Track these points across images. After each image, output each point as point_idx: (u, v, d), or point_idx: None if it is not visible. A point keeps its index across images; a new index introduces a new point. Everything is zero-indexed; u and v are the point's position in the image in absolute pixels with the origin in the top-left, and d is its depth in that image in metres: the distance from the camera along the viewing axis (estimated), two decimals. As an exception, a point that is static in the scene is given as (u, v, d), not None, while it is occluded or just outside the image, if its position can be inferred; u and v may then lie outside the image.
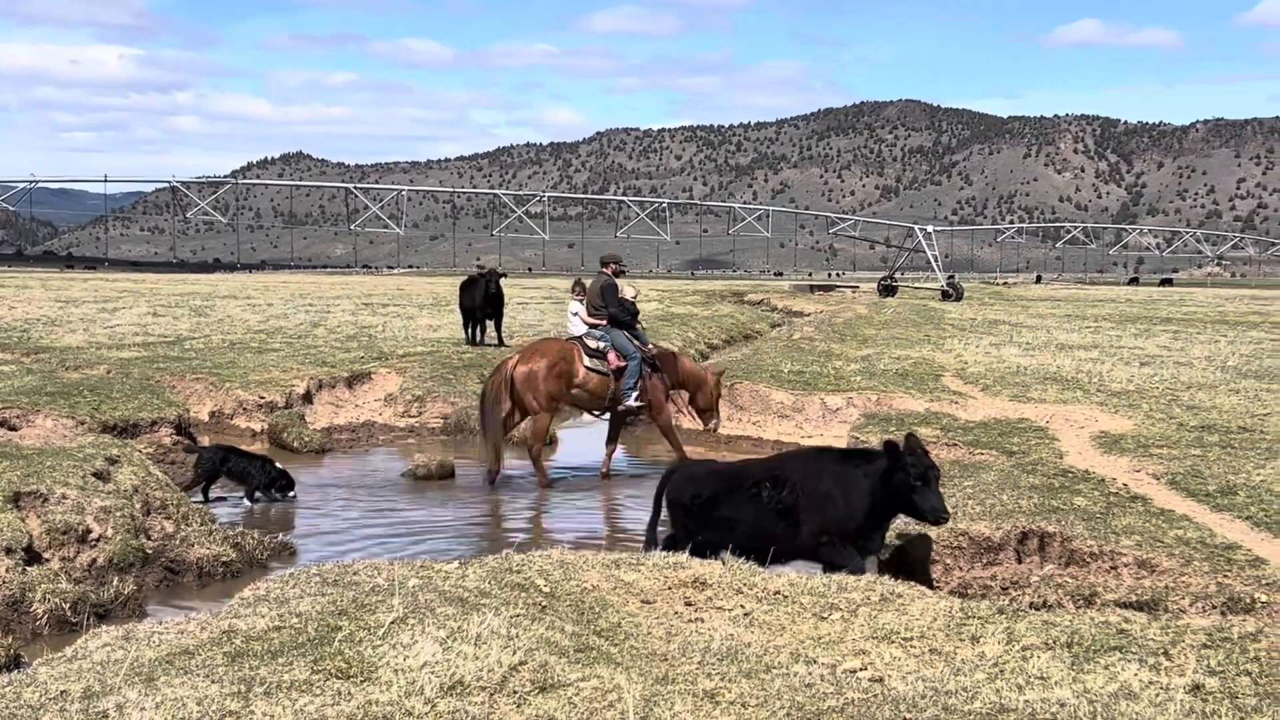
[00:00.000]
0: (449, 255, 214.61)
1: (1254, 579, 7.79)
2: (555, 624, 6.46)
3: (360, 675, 5.51)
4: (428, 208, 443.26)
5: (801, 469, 9.44)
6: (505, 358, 16.13)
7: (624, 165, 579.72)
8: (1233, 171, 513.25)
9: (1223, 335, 33.29)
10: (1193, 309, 55.10)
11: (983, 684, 5.80)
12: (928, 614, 7.06)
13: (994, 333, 33.15)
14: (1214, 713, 5.38)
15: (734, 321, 41.77)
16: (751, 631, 6.75)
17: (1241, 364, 23.50)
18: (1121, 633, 6.58)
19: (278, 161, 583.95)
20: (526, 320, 34.67)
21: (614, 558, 8.22)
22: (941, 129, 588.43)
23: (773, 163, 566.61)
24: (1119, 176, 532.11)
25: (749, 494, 9.30)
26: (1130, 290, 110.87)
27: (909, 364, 22.68)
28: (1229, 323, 41.49)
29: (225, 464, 13.64)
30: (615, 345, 15.20)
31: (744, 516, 9.28)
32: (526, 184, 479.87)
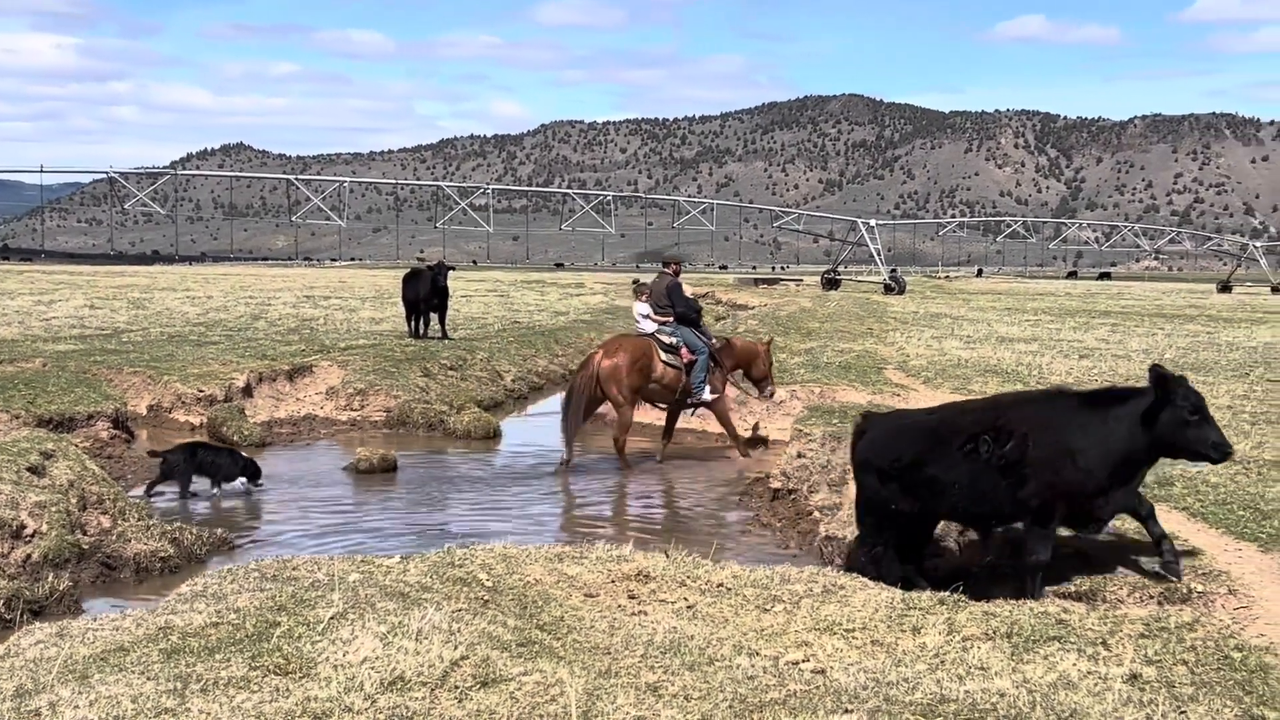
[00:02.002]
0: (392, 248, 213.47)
1: (1190, 569, 7.88)
2: (497, 618, 6.42)
3: (299, 671, 5.45)
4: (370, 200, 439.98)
5: (1034, 417, 8.10)
6: (590, 353, 16.63)
7: (569, 158, 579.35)
8: (1169, 167, 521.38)
9: (1160, 328, 33.78)
10: (1130, 303, 55.87)
11: (924, 675, 5.84)
12: (870, 605, 7.09)
13: (936, 326, 33.43)
14: (1151, 702, 5.44)
15: (678, 314, 41.81)
16: (695, 624, 6.75)
17: (1178, 357, 23.83)
18: (1060, 623, 6.64)
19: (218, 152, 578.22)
20: (471, 313, 34.51)
21: (557, 551, 8.19)
22: (884, 123, 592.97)
23: (717, 156, 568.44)
24: (1058, 171, 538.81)
25: (963, 450, 8.07)
26: (1069, 284, 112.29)
27: (852, 357, 22.80)
28: (1166, 316, 42.11)
29: (194, 459, 13.45)
30: (685, 341, 15.92)
31: (956, 478, 8.09)
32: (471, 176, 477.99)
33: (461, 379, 20.99)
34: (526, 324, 31.42)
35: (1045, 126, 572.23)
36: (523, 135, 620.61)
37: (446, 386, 20.13)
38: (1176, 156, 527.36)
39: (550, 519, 12.80)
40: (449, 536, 11.16)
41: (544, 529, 12.15)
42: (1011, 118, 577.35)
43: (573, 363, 25.71)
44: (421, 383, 19.86)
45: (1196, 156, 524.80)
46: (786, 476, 13.62)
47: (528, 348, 25.42)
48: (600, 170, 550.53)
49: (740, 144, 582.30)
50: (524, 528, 12.13)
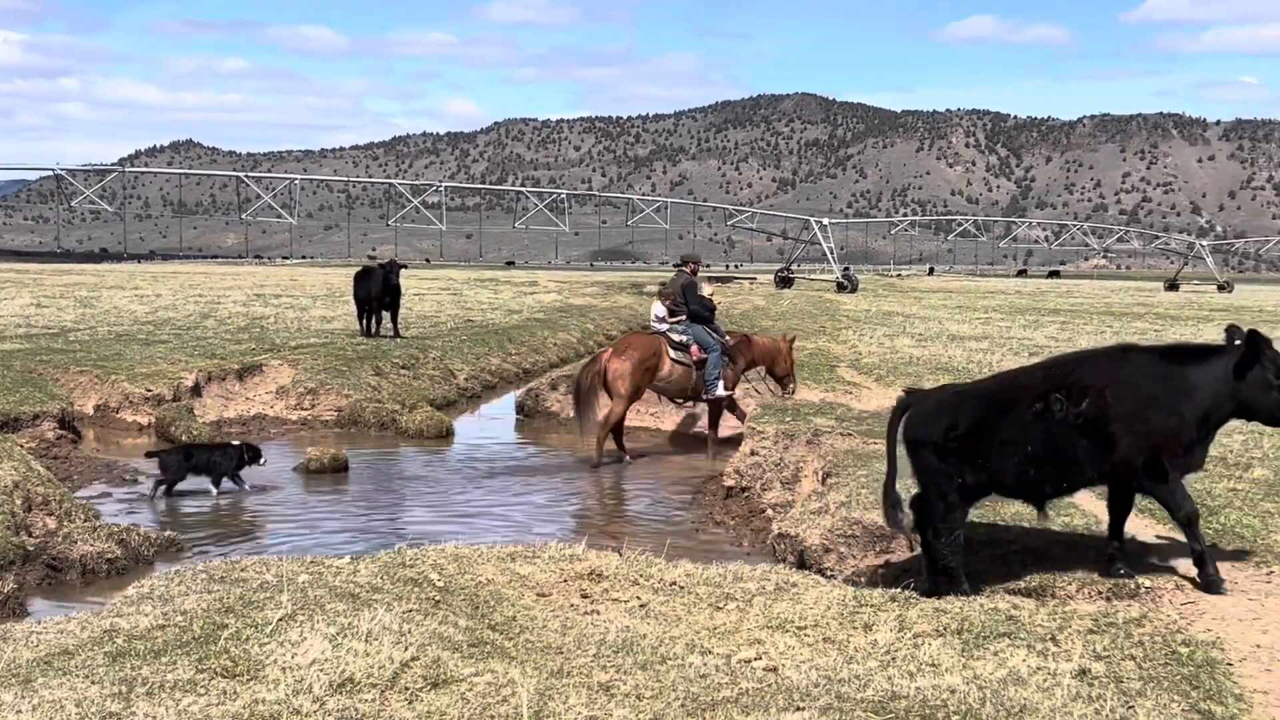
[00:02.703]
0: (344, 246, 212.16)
1: (1137, 565, 7.96)
2: (449, 619, 6.38)
3: (247, 674, 5.39)
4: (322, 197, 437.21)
5: (1108, 372, 7.73)
6: (599, 351, 16.77)
7: (522, 156, 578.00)
8: (1118, 166, 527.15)
9: (1108, 326, 34.13)
10: (1079, 300, 56.44)
11: (875, 671, 5.86)
12: (822, 602, 7.11)
13: (888, 324, 33.62)
14: (1099, 697, 5.48)
15: (632, 313, 41.79)
16: (648, 623, 6.74)
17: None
18: (1010, 619, 6.68)
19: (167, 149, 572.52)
20: (424, 311, 34.33)
21: (509, 550, 8.15)
22: (837, 122, 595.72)
23: (671, 154, 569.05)
24: (1009, 170, 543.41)
25: (1033, 412, 7.65)
26: (1019, 282, 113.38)
27: (805, 355, 22.87)
28: (1114, 314, 42.58)
29: (190, 461, 13.42)
30: (696, 339, 16.14)
31: (1029, 441, 7.65)
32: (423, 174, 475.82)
33: (414, 378, 20.87)
34: (480, 322, 31.29)
35: (996, 126, 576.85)
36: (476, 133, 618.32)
37: (399, 385, 20.02)
38: (1125, 156, 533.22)
39: (503, 518, 12.74)
40: (400, 536, 11.10)
41: (497, 528, 12.10)
42: (962, 117, 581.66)
43: (526, 361, 25.68)
44: (373, 382, 19.74)
45: (1144, 156, 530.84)
46: (740, 474, 13.65)
47: (481, 346, 25.32)
48: (554, 168, 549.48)
49: (694, 142, 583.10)
50: (477, 527, 12.07)
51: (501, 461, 16.07)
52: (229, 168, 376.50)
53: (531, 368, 25.34)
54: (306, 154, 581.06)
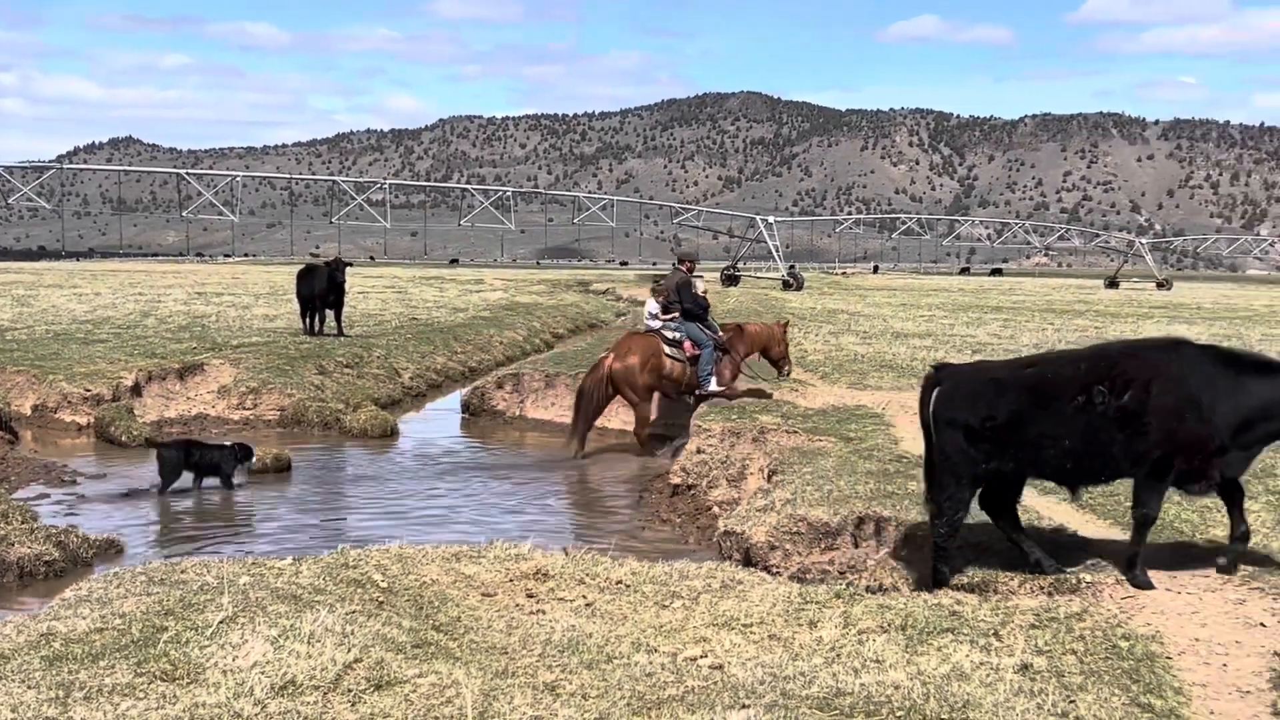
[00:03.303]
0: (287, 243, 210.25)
1: (1079, 559, 8.05)
2: (392, 619, 6.33)
3: (187, 677, 5.31)
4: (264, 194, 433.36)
5: (1154, 365, 7.58)
6: (601, 356, 16.97)
7: (467, 153, 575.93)
8: (1059, 165, 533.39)
9: (1050, 323, 34.49)
10: (1021, 298, 57.00)
11: (820, 668, 5.87)
12: (767, 600, 7.13)
13: (833, 321, 33.78)
14: (1041, 691, 5.53)
15: (579, 311, 41.76)
16: (594, 622, 6.72)
17: (1067, 351, 24.35)
18: (954, 614, 6.73)
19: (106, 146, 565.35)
20: (368, 310, 34.08)
21: (454, 550, 8.10)
22: (782, 121, 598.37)
23: (617, 152, 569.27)
24: (952, 169, 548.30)
25: (1074, 403, 7.52)
26: (962, 280, 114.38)
27: (750, 352, 22.90)
28: (1056, 311, 43.03)
29: (190, 458, 13.46)
30: (690, 336, 16.43)
31: (1067, 433, 7.53)
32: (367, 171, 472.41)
33: (358, 377, 20.71)
34: (425, 321, 31.09)
35: (939, 125, 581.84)
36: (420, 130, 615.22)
37: (343, 384, 19.85)
38: (1066, 155, 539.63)
39: (448, 518, 12.66)
40: (344, 537, 10.99)
41: (442, 528, 12.02)
42: (906, 116, 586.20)
43: (471, 359, 25.56)
44: (317, 381, 19.56)
45: (1085, 155, 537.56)
46: (686, 472, 13.66)
47: (426, 345, 25.16)
48: (500, 166, 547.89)
49: (640, 140, 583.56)
50: (422, 527, 11.99)
51: (447, 461, 15.98)
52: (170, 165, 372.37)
53: (477, 366, 25.21)
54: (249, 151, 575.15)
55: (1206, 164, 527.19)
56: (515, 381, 20.13)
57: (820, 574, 9.27)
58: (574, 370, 19.95)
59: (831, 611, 6.84)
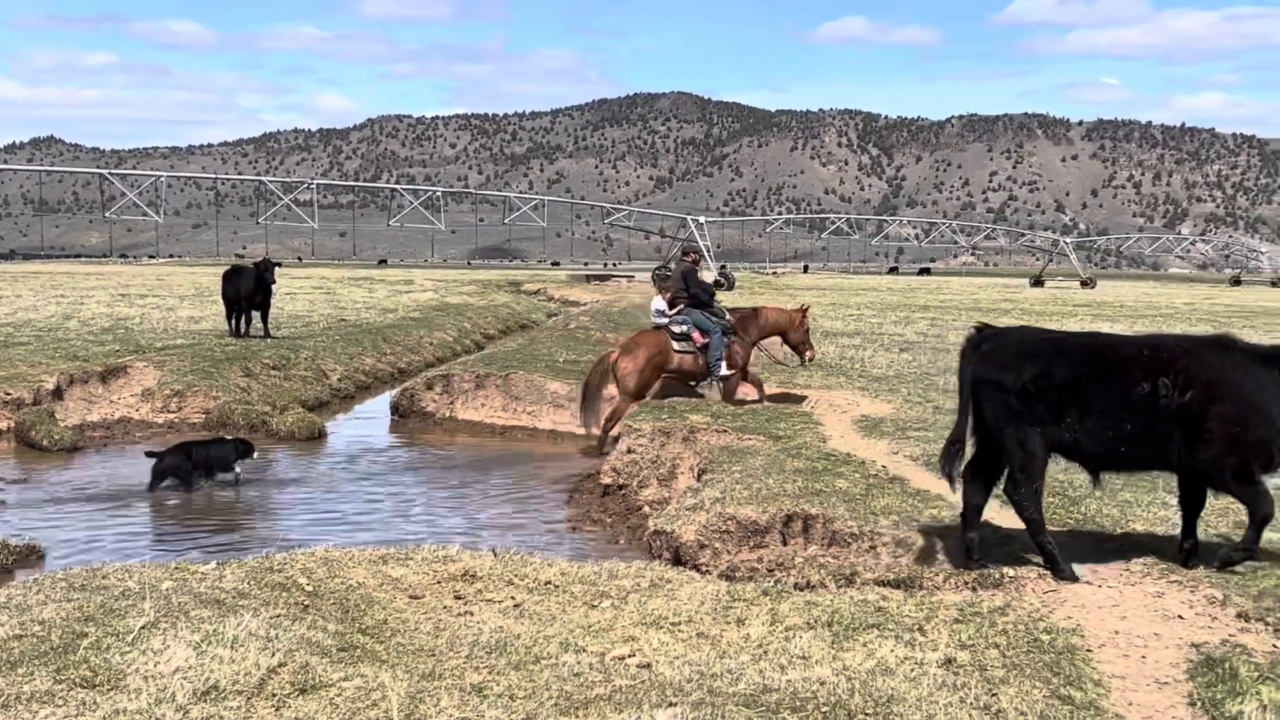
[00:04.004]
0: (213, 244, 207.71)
1: (1003, 554, 8.15)
2: (318, 623, 6.27)
3: (107, 684, 5.23)
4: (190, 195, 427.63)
5: (1213, 366, 7.45)
6: (605, 351, 17.25)
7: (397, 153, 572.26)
8: (985, 165, 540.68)
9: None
10: (949, 297, 57.67)
11: (747, 665, 5.90)
12: (696, 598, 7.15)
13: (763, 321, 33.93)
14: (964, 685, 5.60)
15: (510, 311, 41.63)
16: (522, 623, 6.71)
17: (992, 349, 24.66)
18: (879, 610, 6.79)
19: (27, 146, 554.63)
20: (295, 311, 33.74)
21: (381, 553, 8.04)
22: (713, 121, 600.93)
23: (548, 152, 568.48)
24: (880, 169, 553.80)
25: (1138, 387, 7.31)
26: (891, 279, 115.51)
27: (681, 352, 22.97)
28: (982, 310, 43.53)
29: (189, 458, 13.68)
30: (696, 324, 16.58)
31: (1123, 415, 7.32)
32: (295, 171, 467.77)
33: (285, 379, 20.49)
34: (353, 322, 30.84)
35: (867, 126, 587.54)
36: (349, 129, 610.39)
37: (269, 387, 19.63)
38: (992, 155, 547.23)
39: (376, 520, 12.57)
40: (270, 541, 10.87)
41: (370, 530, 11.93)
42: (835, 117, 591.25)
43: (401, 361, 25.39)
44: (243, 383, 19.32)
45: (1011, 155, 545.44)
46: (616, 472, 13.66)
47: (355, 346, 24.96)
48: (430, 165, 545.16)
49: (571, 140, 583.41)
50: (349, 530, 11.89)
51: (375, 463, 15.86)
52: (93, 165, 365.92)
53: (407, 367, 25.05)
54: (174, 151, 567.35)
55: (1129, 164, 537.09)
56: (445, 383, 20.02)
57: (749, 572, 9.30)
58: (504, 371, 19.89)
59: (759, 609, 6.87)
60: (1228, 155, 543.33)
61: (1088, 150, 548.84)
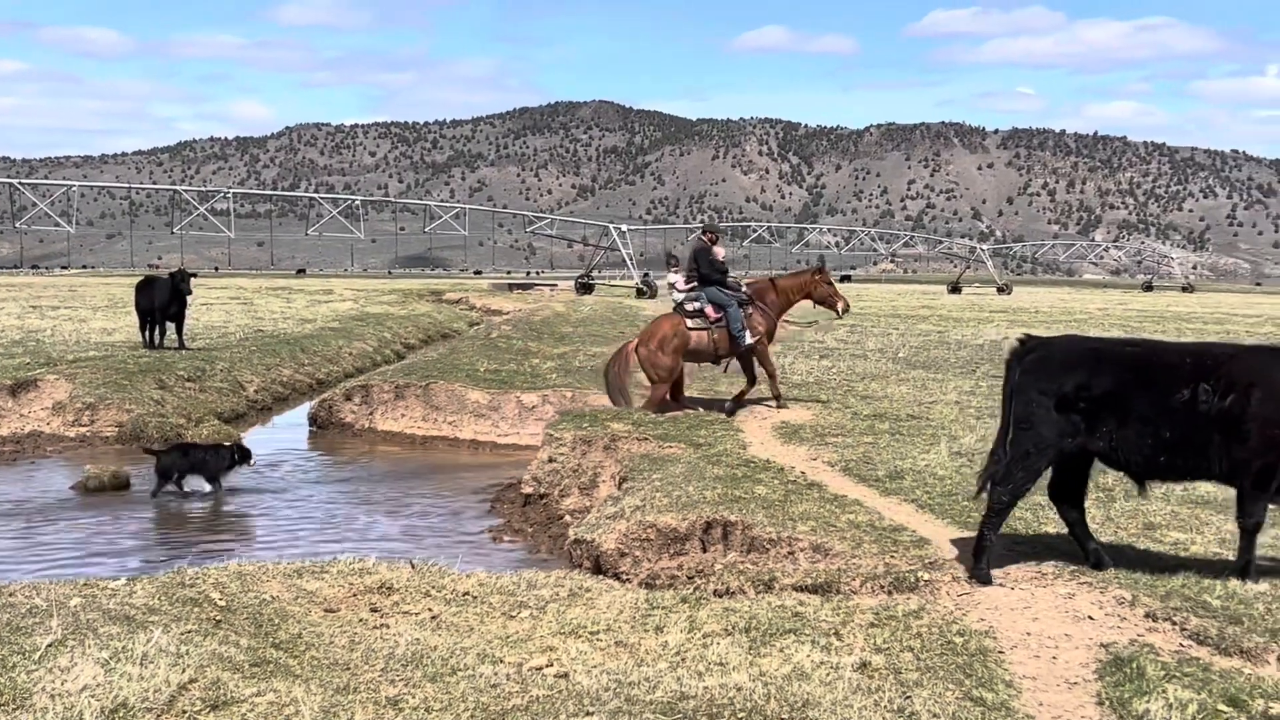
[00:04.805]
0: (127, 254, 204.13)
1: (918, 559, 8.24)
2: (230, 638, 6.19)
3: (12, 703, 5.11)
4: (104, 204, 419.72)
5: (1255, 369, 7.41)
6: (625, 340, 17.59)
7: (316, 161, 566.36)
8: (904, 174, 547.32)
9: (895, 329, 35.29)
10: (868, 304, 58.21)
11: (665, 673, 5.91)
12: (615, 607, 7.15)
13: (685, 328, 34.04)
14: (879, 689, 5.66)
15: (431, 321, 41.36)
16: (439, 634, 6.66)
17: (911, 355, 24.99)
18: (796, 615, 6.84)
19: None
20: (211, 322, 33.27)
21: (296, 566, 7.95)
22: (634, 130, 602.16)
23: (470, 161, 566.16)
24: (800, 178, 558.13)
25: (1179, 395, 7.28)
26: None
27: (603, 361, 22.99)
28: (901, 316, 44.06)
29: (186, 457, 14.15)
30: (710, 299, 16.68)
31: (1168, 424, 7.30)
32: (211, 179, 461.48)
33: (200, 391, 20.19)
34: (271, 332, 30.46)
35: (788, 134, 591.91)
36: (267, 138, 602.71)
37: (184, 399, 19.33)
38: (910, 164, 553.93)
39: (293, 533, 12.42)
40: (183, 555, 10.70)
41: (286, 543, 11.79)
42: (756, 125, 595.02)
43: (320, 371, 25.15)
44: (157, 395, 19.01)
45: (928, 164, 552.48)
46: (538, 481, 13.63)
47: (272, 357, 24.65)
48: (349, 174, 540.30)
49: (493, 148, 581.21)
50: (265, 543, 11.75)
51: (293, 475, 15.69)
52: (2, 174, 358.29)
53: (326, 378, 24.79)
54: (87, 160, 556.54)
55: (1044, 172, 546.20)
56: (364, 393, 19.86)
57: (670, 579, 9.32)
58: (424, 381, 19.77)
59: (678, 616, 6.89)
60: (1139, 163, 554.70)
61: (1003, 158, 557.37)
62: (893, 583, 7.76)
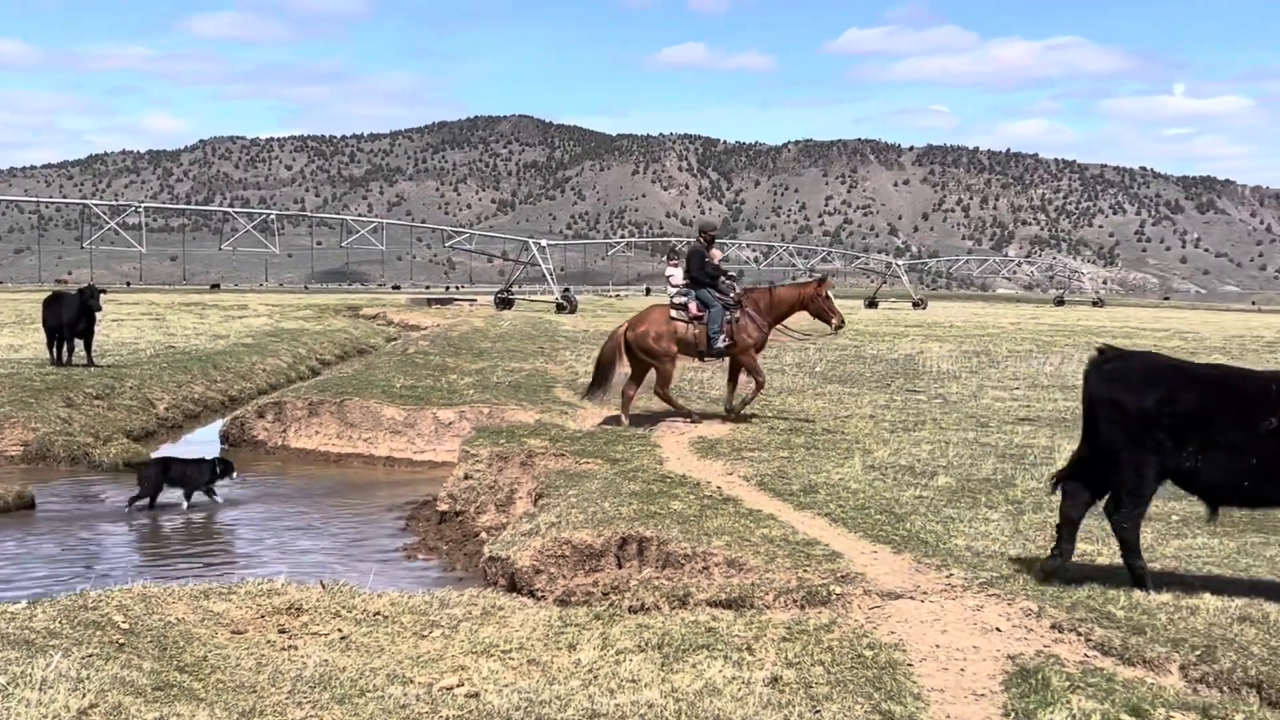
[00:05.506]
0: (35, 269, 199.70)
1: (830, 572, 8.30)
2: (133, 662, 6.06)
3: (-99, 735, 4.97)
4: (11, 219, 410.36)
5: None
6: (616, 326, 17.91)
7: (230, 175, 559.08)
8: (821, 189, 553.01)
9: (812, 343, 35.55)
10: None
11: (577, 691, 5.89)
12: (528, 625, 7.12)
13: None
14: (789, 703, 5.68)
15: (347, 336, 40.94)
16: (348, 655, 6.58)
17: (827, 370, 25.23)
18: (710, 631, 6.85)
19: None
20: (121, 338, 32.64)
21: (203, 588, 7.82)
22: (554, 145, 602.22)
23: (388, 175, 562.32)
24: (720, 193, 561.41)
25: (1267, 422, 7.11)
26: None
27: (522, 376, 22.95)
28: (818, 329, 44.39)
29: (167, 474, 14.26)
30: (698, 298, 17.06)
31: (1248, 449, 7.14)
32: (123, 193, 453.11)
33: (109, 408, 19.79)
34: (183, 349, 29.95)
35: (707, 150, 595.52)
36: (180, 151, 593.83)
37: (92, 417, 18.93)
38: (827, 180, 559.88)
39: (201, 554, 12.21)
40: (88, 577, 10.47)
41: (194, 564, 11.58)
42: (675, 141, 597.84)
43: (233, 388, 24.77)
44: (64, 413, 18.59)
45: (845, 180, 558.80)
46: (453, 499, 13.54)
47: (184, 374, 24.24)
48: (265, 188, 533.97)
49: (411, 163, 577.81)
50: (173, 564, 11.54)
51: (203, 495, 15.41)
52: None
53: (238, 395, 24.42)
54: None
55: (958, 189, 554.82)
56: (277, 410, 19.60)
57: (585, 596, 9.30)
58: (339, 397, 19.56)
59: (591, 633, 6.87)
60: (1050, 180, 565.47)
61: (919, 175, 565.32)
62: (805, 597, 7.80)
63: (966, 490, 11.36)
